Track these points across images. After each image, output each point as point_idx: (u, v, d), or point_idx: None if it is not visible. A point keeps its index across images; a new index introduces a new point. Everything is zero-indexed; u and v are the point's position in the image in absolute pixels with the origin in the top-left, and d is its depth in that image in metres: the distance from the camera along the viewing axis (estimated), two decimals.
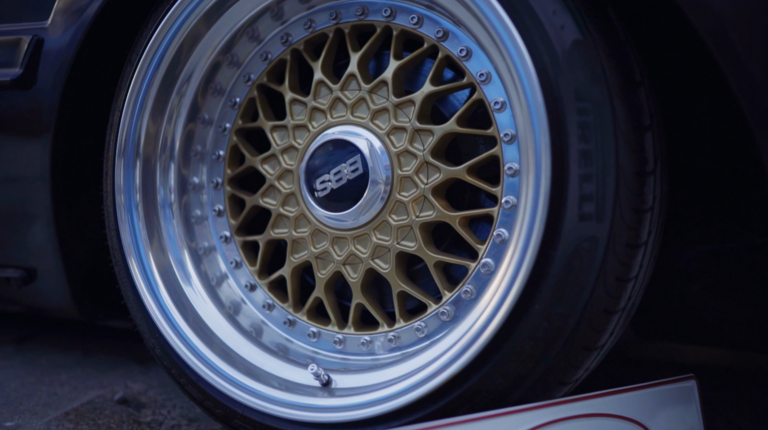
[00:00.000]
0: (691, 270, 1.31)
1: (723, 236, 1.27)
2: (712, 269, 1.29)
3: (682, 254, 1.30)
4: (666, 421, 1.05)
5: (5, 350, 1.70)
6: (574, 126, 0.87)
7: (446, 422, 0.87)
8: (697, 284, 1.31)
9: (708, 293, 1.30)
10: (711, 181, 1.25)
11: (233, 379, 1.08)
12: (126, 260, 1.16)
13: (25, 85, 1.27)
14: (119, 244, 1.17)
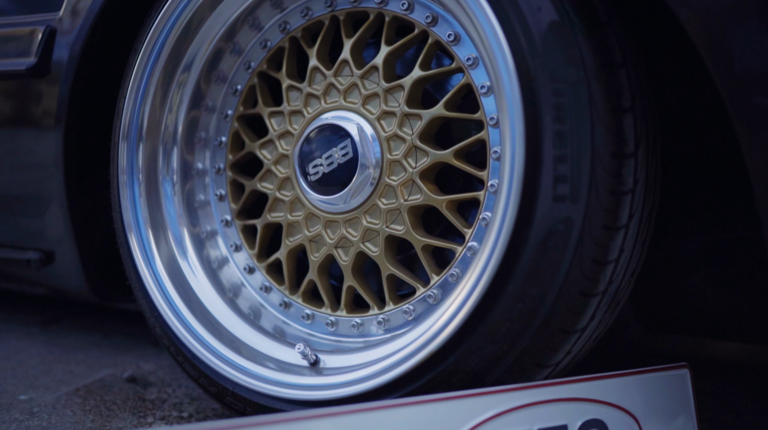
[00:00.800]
0: (694, 260, 1.28)
1: (727, 225, 1.24)
2: (716, 259, 1.26)
3: (686, 244, 1.28)
4: (655, 409, 1.04)
5: (31, 331, 1.78)
6: (548, 107, 0.87)
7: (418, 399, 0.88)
8: (700, 275, 1.28)
9: (712, 284, 1.27)
10: (715, 169, 1.23)
11: (226, 358, 1.11)
12: (127, 237, 1.20)
13: (39, 73, 1.32)
14: (121, 223, 1.21)
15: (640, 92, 0.94)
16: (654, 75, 1.10)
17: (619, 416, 1.01)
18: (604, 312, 0.98)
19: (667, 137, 1.20)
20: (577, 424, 0.96)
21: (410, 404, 0.87)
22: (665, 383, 1.07)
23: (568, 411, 0.96)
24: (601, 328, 1.03)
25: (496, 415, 0.91)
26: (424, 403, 0.88)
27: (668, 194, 1.28)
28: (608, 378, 1.01)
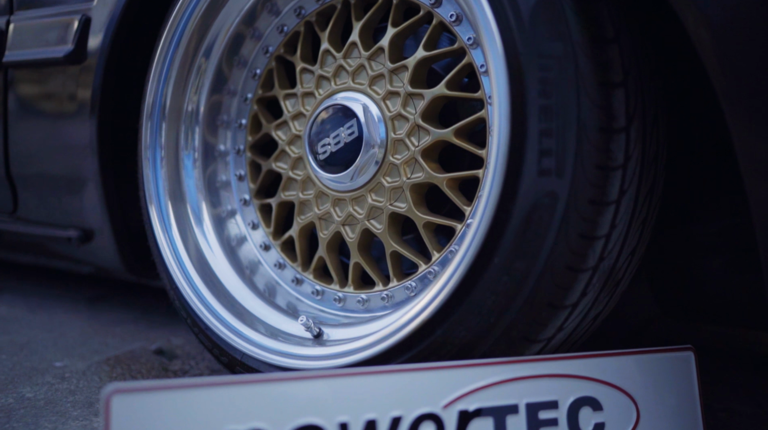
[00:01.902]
0: (711, 244, 1.26)
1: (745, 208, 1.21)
2: (734, 244, 1.23)
3: (702, 228, 1.25)
4: (656, 391, 1.03)
5: (78, 306, 1.88)
6: (534, 81, 0.88)
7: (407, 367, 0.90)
8: (718, 260, 1.25)
9: (729, 269, 1.24)
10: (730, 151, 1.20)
11: (236, 329, 1.15)
12: (148, 210, 1.26)
13: (75, 60, 1.40)
14: (144, 197, 1.27)
15: (636, 67, 0.93)
16: (666, 52, 1.09)
17: (614, 395, 1.00)
18: (599, 290, 0.98)
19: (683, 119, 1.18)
20: (568, 401, 0.96)
21: (399, 371, 0.89)
22: (668, 365, 1.05)
23: (559, 387, 0.97)
24: (599, 307, 1.02)
25: (483, 387, 0.93)
26: (413, 371, 0.90)
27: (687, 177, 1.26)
28: (604, 356, 1.00)
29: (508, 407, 0.93)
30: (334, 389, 0.85)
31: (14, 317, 1.76)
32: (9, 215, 1.70)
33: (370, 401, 0.87)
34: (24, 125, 1.56)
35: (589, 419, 0.97)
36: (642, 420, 1.00)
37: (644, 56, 0.97)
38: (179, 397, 0.79)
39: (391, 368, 0.88)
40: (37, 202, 1.62)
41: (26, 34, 1.51)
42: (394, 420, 0.87)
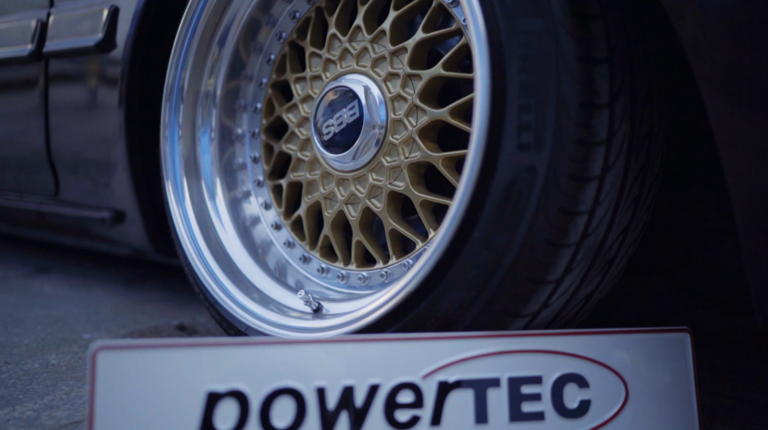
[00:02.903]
0: (723, 229, 1.23)
1: None
2: None
3: (713, 212, 1.23)
4: (648, 372, 1.02)
5: (116, 286, 1.97)
6: (514, 57, 0.89)
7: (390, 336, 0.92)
8: (729, 244, 1.23)
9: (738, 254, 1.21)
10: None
11: (242, 304, 1.20)
12: (164, 185, 1.32)
13: (105, 48, 1.48)
14: (162, 172, 1.33)
15: (625, 43, 0.93)
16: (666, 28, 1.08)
17: (602, 373, 1.00)
18: (587, 267, 0.98)
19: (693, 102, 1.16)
20: (553, 377, 0.97)
21: (378, 340, 0.92)
22: (662, 345, 1.04)
23: (543, 363, 0.97)
24: (590, 285, 1.02)
25: (464, 359, 0.94)
26: (392, 341, 0.92)
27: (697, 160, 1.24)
28: (592, 334, 1.00)
29: (490, 380, 0.94)
30: (313, 356, 0.88)
31: (56, 294, 1.87)
32: (52, 198, 1.80)
33: (348, 369, 0.89)
34: (62, 111, 1.65)
35: (574, 396, 0.97)
36: (631, 399, 1.00)
37: (636, 32, 0.96)
38: (163, 356, 0.84)
39: (370, 337, 0.91)
40: (75, 186, 1.71)
41: (63, 25, 1.60)
42: (371, 388, 0.89)
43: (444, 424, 0.91)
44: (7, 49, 1.75)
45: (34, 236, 2.18)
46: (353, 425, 0.88)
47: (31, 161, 1.78)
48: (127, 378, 0.82)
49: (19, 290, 1.90)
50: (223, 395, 0.85)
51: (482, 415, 0.93)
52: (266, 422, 0.85)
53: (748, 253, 0.81)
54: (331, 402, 0.88)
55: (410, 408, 0.90)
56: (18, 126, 1.78)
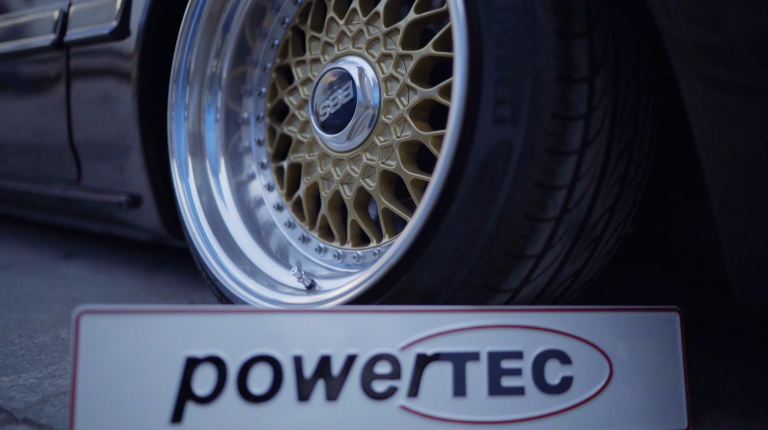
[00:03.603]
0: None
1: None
2: None
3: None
4: (634, 351, 1.01)
5: (137, 270, 2.03)
6: (491, 32, 0.89)
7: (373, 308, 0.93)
8: None
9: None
10: None
11: (239, 281, 1.23)
12: (170, 164, 1.35)
13: (120, 35, 1.53)
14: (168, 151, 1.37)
15: (608, 18, 0.93)
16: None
17: (586, 350, 0.99)
18: (569, 244, 0.98)
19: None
20: (534, 352, 0.97)
21: (356, 311, 0.93)
22: (650, 325, 1.03)
23: (525, 339, 0.97)
24: (576, 263, 1.02)
25: (443, 332, 0.95)
26: (371, 312, 0.93)
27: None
28: (576, 311, 1.00)
29: (469, 354, 0.95)
30: (291, 325, 0.91)
31: (79, 277, 1.93)
32: (75, 184, 1.86)
33: (326, 339, 0.91)
34: (83, 98, 1.71)
35: (556, 372, 0.97)
36: (615, 377, 0.99)
37: (622, 8, 0.96)
38: (143, 321, 0.87)
39: (347, 308, 0.93)
40: (96, 171, 1.77)
41: (82, 14, 1.65)
42: (349, 358, 0.91)
43: (421, 395, 0.92)
44: (33, 39, 1.82)
45: (63, 222, 2.25)
46: (330, 394, 0.90)
47: (55, 148, 1.85)
48: (110, 342, 0.85)
49: (45, 273, 1.97)
50: (202, 360, 0.87)
51: (461, 388, 0.94)
52: (243, 388, 0.88)
53: (723, 230, 0.80)
54: (308, 371, 0.90)
55: (387, 379, 0.92)
56: (43, 114, 1.85)
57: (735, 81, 0.75)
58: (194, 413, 0.86)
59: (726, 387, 1.19)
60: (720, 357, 1.35)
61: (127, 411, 0.85)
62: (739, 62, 0.74)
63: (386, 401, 0.91)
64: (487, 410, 0.94)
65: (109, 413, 0.84)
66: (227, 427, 0.87)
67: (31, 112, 1.92)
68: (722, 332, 1.54)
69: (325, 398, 0.90)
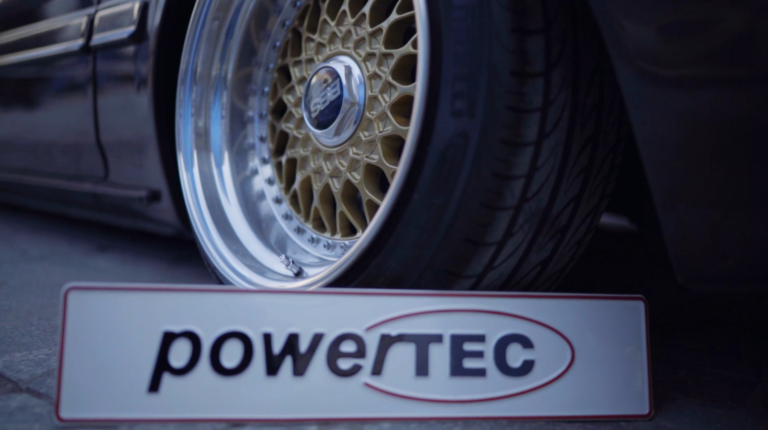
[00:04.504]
0: None
1: None
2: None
3: None
4: (597, 337, 1.04)
5: (161, 263, 2.13)
6: (449, 30, 0.94)
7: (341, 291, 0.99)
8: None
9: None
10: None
11: (233, 267, 1.30)
12: (177, 157, 1.44)
13: (138, 39, 1.63)
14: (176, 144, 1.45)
15: (567, 15, 0.96)
16: None
17: (548, 335, 1.03)
18: (532, 233, 1.02)
19: None
20: (496, 336, 1.01)
21: (323, 293, 0.99)
22: (614, 312, 1.06)
23: (488, 323, 1.01)
24: (542, 252, 1.06)
25: (407, 315, 1.00)
26: (338, 294, 0.98)
27: None
28: (539, 298, 1.04)
29: (432, 336, 1.00)
30: (262, 305, 0.97)
31: (108, 269, 2.05)
32: (103, 180, 1.98)
33: (295, 318, 0.97)
34: (107, 98, 1.82)
35: (518, 356, 1.01)
36: (577, 362, 1.03)
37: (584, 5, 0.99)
38: (125, 297, 0.95)
39: (317, 290, 0.99)
40: (121, 168, 1.88)
41: (106, 20, 1.76)
42: (315, 336, 0.97)
43: (385, 374, 0.98)
44: (65, 44, 1.95)
45: (96, 218, 2.38)
46: (297, 370, 0.96)
47: (84, 146, 1.96)
48: (94, 316, 0.93)
49: (77, 265, 2.10)
50: (178, 335, 0.95)
51: (423, 368, 0.99)
52: (216, 362, 0.95)
53: (663, 219, 0.83)
54: (277, 347, 0.96)
55: (352, 357, 0.97)
56: (73, 114, 1.97)
57: (668, 74, 0.78)
58: (170, 384, 0.93)
59: (702, 378, 1.21)
60: (704, 351, 1.36)
61: (109, 380, 0.93)
62: (670, 56, 0.77)
63: (351, 378, 0.97)
64: (448, 390, 0.99)
65: (93, 381, 0.92)
66: (200, 397, 0.94)
67: (63, 113, 2.04)
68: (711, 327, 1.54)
69: (292, 373, 0.96)
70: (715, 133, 0.76)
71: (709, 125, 0.76)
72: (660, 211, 0.83)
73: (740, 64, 0.73)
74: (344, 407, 0.96)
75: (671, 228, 0.83)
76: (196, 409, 0.94)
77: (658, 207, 0.83)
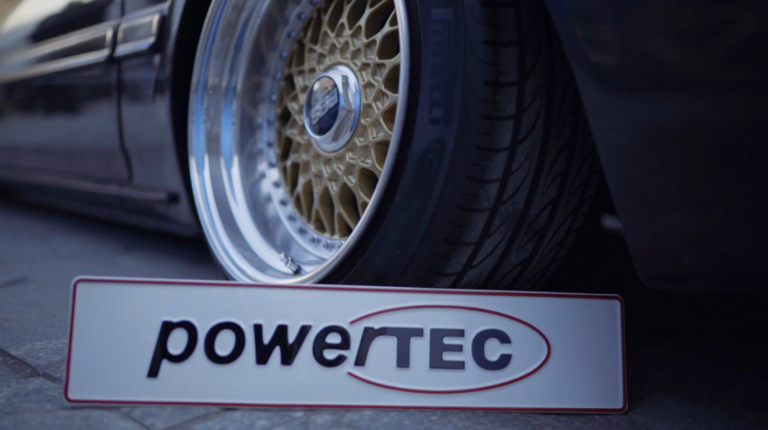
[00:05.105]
0: None
1: None
2: None
3: None
4: (574, 334, 1.09)
5: (182, 262, 2.23)
6: (428, 43, 1.01)
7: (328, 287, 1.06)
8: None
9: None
10: None
11: (237, 264, 1.38)
12: (189, 161, 1.53)
13: (157, 50, 1.72)
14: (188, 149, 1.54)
15: (541, 28, 1.02)
16: None
17: (525, 331, 1.08)
18: (510, 233, 1.07)
19: None
20: (475, 331, 1.07)
21: (311, 288, 1.06)
22: (591, 311, 1.11)
23: (467, 319, 1.07)
24: (522, 253, 1.11)
25: (390, 310, 1.06)
26: (324, 289, 1.05)
27: None
28: (517, 295, 1.09)
29: (413, 329, 1.06)
30: (254, 298, 1.04)
31: (132, 267, 2.15)
32: (128, 183, 2.08)
33: (284, 311, 1.04)
34: (129, 106, 1.92)
35: (495, 350, 1.07)
36: (553, 357, 1.08)
37: None
38: (128, 289, 1.03)
39: (305, 286, 1.06)
40: (143, 171, 1.98)
41: (129, 32, 1.87)
42: (303, 328, 1.04)
43: (368, 365, 1.04)
44: (93, 54, 2.06)
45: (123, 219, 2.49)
46: (285, 359, 1.03)
47: (110, 151, 2.07)
48: (100, 306, 1.02)
49: (104, 263, 2.21)
50: (176, 324, 1.02)
51: (404, 360, 1.05)
52: (210, 350, 1.02)
53: (623, 221, 0.88)
54: (267, 338, 1.03)
55: (337, 349, 1.04)
56: (101, 120, 2.08)
57: (620, 84, 0.83)
58: (168, 370, 1.01)
59: (686, 377, 1.25)
60: (692, 351, 1.40)
61: (112, 365, 1.01)
62: (623, 65, 0.82)
63: (335, 368, 1.04)
64: (428, 381, 1.05)
65: (98, 366, 1.01)
66: (196, 383, 1.02)
67: (92, 119, 2.16)
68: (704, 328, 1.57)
69: (280, 362, 1.03)
70: (664, 139, 0.81)
71: (660, 131, 0.81)
72: (620, 213, 0.88)
73: (682, 74, 0.77)
74: (329, 395, 1.03)
75: (630, 230, 0.88)
76: (191, 393, 1.01)
77: (618, 209, 0.88)
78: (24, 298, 1.69)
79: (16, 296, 1.70)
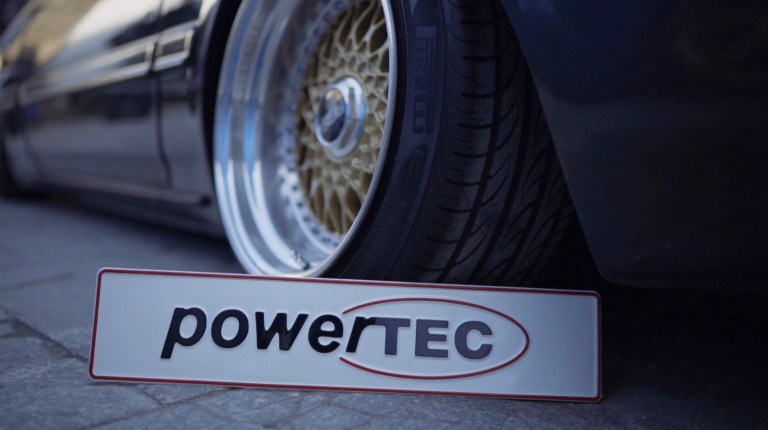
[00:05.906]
0: None
1: None
2: None
3: None
4: (552, 328, 1.17)
5: (216, 262, 2.37)
6: (413, 58, 1.11)
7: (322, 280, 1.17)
8: None
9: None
10: None
11: (253, 260, 1.50)
12: (214, 166, 1.66)
13: (190, 64, 1.87)
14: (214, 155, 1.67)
15: (518, 45, 1.11)
16: None
17: (505, 324, 1.17)
18: (491, 233, 1.16)
19: None
20: (458, 322, 1.16)
21: (307, 281, 1.17)
22: (569, 306, 1.18)
23: (450, 311, 1.16)
24: (505, 251, 1.20)
25: (379, 301, 1.16)
26: (319, 282, 1.16)
27: None
28: (498, 291, 1.17)
29: (401, 320, 1.15)
30: (256, 289, 1.16)
31: (170, 265, 2.30)
32: (167, 187, 2.24)
33: (283, 301, 1.15)
34: (168, 115, 2.07)
35: (477, 341, 1.15)
36: (531, 349, 1.16)
37: None
38: (146, 280, 1.16)
39: (302, 278, 1.17)
40: (180, 176, 2.13)
41: (166, 47, 2.02)
42: (300, 316, 1.15)
43: (358, 351, 1.14)
44: (136, 68, 2.22)
45: (165, 221, 2.66)
46: (283, 344, 1.14)
47: (151, 157, 2.23)
48: (122, 294, 1.15)
49: (144, 261, 2.37)
50: (187, 311, 1.15)
51: (392, 348, 1.15)
52: (217, 335, 1.14)
53: (582, 221, 0.96)
54: (267, 324, 1.15)
55: (331, 336, 1.14)
56: (143, 129, 2.24)
57: (574, 95, 0.92)
58: (179, 352, 1.14)
59: (670, 372, 1.31)
60: (682, 348, 1.45)
61: (131, 346, 1.14)
62: (573, 80, 0.91)
63: (329, 354, 1.14)
64: (414, 368, 1.14)
65: (118, 347, 1.14)
66: (203, 364, 1.14)
67: (136, 128, 2.32)
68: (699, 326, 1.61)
69: (279, 347, 1.14)
70: (610, 146, 0.89)
71: (607, 139, 0.89)
72: (579, 213, 0.96)
73: (624, 88, 0.85)
74: (322, 377, 1.13)
75: (587, 229, 0.96)
76: (200, 373, 1.13)
77: (578, 209, 0.96)
78: (68, 290, 1.85)
79: (62, 289, 1.87)
